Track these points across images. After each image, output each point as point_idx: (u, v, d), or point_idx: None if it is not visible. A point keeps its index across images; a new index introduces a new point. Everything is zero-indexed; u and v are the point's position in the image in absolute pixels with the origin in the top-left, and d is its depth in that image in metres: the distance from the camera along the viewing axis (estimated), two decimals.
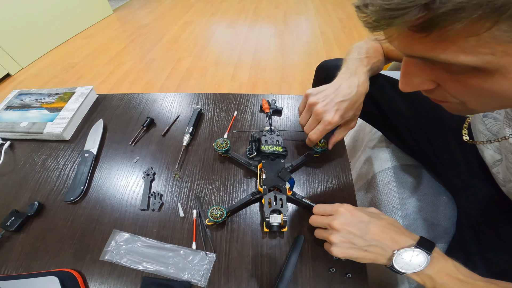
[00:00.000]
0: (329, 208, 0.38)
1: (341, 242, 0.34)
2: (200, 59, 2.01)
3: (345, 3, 2.94)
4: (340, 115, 0.44)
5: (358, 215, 0.35)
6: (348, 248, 0.34)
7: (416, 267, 0.31)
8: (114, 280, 0.40)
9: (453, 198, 0.54)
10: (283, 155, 0.49)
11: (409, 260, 0.31)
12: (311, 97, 0.46)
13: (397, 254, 0.32)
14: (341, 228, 0.34)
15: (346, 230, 0.34)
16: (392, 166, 0.63)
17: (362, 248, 0.33)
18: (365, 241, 0.33)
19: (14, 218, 0.45)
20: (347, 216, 0.35)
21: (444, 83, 0.22)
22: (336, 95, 0.44)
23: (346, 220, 0.35)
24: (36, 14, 2.02)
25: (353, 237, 0.34)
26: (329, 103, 0.44)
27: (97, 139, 0.57)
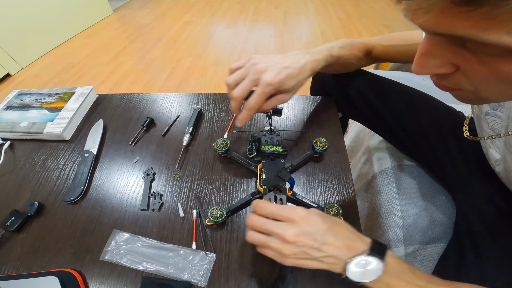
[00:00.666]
0: (279, 212, 0.32)
1: (294, 254, 0.30)
2: (200, 59, 2.01)
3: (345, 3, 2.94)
4: (281, 78, 0.40)
5: (314, 223, 0.31)
6: (301, 259, 0.30)
7: (371, 276, 0.29)
8: (114, 280, 0.40)
9: (452, 198, 0.54)
10: (283, 155, 0.49)
11: (363, 269, 0.29)
12: (254, 59, 0.42)
13: (350, 264, 0.29)
14: (296, 241, 0.29)
15: (302, 243, 0.29)
16: (392, 166, 0.63)
17: (317, 259, 0.30)
18: (321, 252, 0.30)
19: (14, 218, 0.45)
20: (302, 226, 0.30)
21: (466, 66, 0.20)
22: (282, 61, 0.42)
23: (302, 230, 0.30)
24: (36, 14, 2.02)
25: (308, 249, 0.30)
26: (273, 65, 0.41)
27: (97, 139, 0.57)
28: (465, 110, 0.58)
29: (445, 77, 0.23)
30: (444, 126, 0.53)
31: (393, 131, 0.58)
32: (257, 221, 0.32)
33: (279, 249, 0.30)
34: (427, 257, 0.49)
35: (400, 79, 0.59)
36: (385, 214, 0.57)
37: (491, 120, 0.39)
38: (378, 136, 0.72)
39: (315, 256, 0.30)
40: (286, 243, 0.30)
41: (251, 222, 0.33)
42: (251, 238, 0.33)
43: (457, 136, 0.52)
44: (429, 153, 0.54)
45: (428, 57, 0.22)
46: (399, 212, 0.55)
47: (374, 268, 0.29)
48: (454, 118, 0.55)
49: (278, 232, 0.30)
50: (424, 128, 0.54)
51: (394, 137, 0.60)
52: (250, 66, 0.42)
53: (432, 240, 0.50)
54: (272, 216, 0.32)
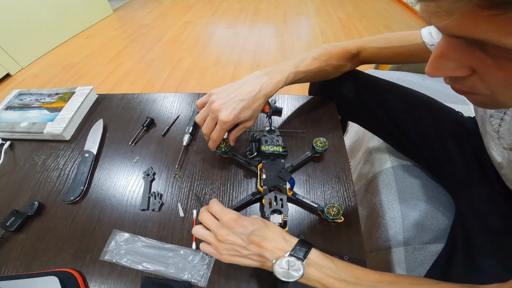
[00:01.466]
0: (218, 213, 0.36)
1: (227, 250, 0.34)
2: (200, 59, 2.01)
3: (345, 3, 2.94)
4: (235, 114, 0.43)
5: (242, 224, 0.35)
6: (234, 255, 0.34)
7: (295, 276, 0.31)
8: (114, 280, 0.40)
9: (452, 198, 0.54)
10: (283, 155, 0.49)
11: (287, 269, 0.31)
12: (213, 95, 0.45)
13: (275, 265, 0.31)
14: (225, 239, 0.34)
15: (230, 241, 0.34)
16: (392, 167, 0.63)
17: (247, 257, 0.34)
18: (248, 251, 0.33)
19: (14, 218, 0.45)
20: (230, 226, 0.34)
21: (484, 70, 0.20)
22: (237, 94, 0.44)
23: (230, 231, 0.34)
24: (36, 14, 2.02)
25: (237, 247, 0.34)
26: (228, 102, 0.44)
27: (97, 139, 0.57)
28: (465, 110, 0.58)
29: (459, 80, 0.22)
30: (443, 127, 0.53)
31: (392, 133, 0.58)
32: (205, 216, 0.37)
33: (215, 246, 0.35)
34: (427, 257, 0.49)
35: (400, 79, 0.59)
36: (385, 214, 0.57)
37: (495, 122, 0.39)
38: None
39: (244, 254, 0.33)
40: (219, 241, 0.34)
41: (200, 217, 0.38)
42: (195, 231, 0.37)
43: (456, 137, 0.52)
44: (428, 154, 0.54)
45: (444, 60, 0.21)
46: (399, 212, 0.55)
47: (296, 269, 0.31)
48: (454, 118, 0.55)
49: (213, 230, 0.35)
50: (424, 129, 0.54)
51: (394, 138, 0.60)
52: (209, 104, 0.45)
53: (432, 240, 0.50)
54: (214, 215, 0.37)
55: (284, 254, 0.32)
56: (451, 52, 0.21)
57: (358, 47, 0.53)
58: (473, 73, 0.21)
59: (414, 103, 0.56)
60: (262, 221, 0.36)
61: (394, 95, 0.57)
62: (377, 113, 0.57)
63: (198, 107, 0.49)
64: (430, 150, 0.54)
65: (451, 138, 0.52)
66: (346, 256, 0.40)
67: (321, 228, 0.44)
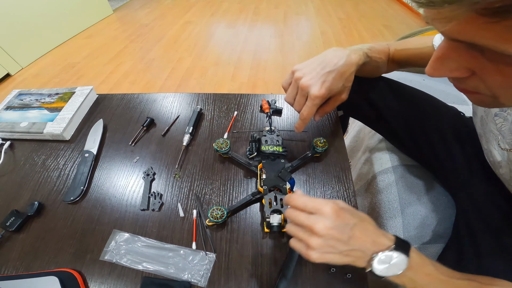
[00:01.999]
0: (311, 204, 0.32)
1: (322, 247, 0.30)
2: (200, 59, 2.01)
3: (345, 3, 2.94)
4: (327, 87, 0.41)
5: (343, 217, 0.30)
6: (328, 253, 0.30)
7: (396, 271, 0.29)
8: (114, 280, 0.40)
9: (452, 198, 0.54)
10: (283, 155, 0.49)
11: (388, 264, 0.29)
12: (297, 72, 0.43)
13: (376, 258, 0.29)
14: (325, 234, 0.29)
15: (330, 235, 0.29)
16: (392, 167, 0.63)
17: (343, 253, 0.30)
18: (348, 246, 0.30)
19: (14, 218, 0.45)
20: (333, 219, 0.30)
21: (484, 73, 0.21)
22: (323, 67, 0.41)
23: (332, 224, 0.29)
24: (36, 14, 2.02)
25: (335, 243, 0.30)
26: (315, 76, 0.41)
27: (97, 139, 0.57)
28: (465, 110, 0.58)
29: (462, 80, 0.23)
30: (446, 126, 0.53)
31: (394, 130, 0.58)
32: (292, 212, 0.33)
33: (307, 241, 0.30)
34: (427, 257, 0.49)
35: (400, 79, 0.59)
36: (385, 214, 0.57)
37: (499, 121, 0.39)
38: (378, 136, 0.72)
39: (341, 250, 0.30)
40: (315, 235, 0.30)
41: (287, 214, 0.34)
42: (286, 228, 0.34)
43: (458, 136, 0.52)
44: (430, 153, 0.54)
45: (444, 61, 0.22)
46: (399, 212, 0.55)
47: (398, 263, 0.29)
48: (456, 118, 0.55)
49: (308, 224, 0.30)
50: (426, 127, 0.54)
51: (395, 136, 0.60)
52: (295, 81, 0.43)
53: (432, 240, 0.50)
54: (303, 208, 0.32)
55: (385, 248, 0.30)
56: (451, 54, 0.21)
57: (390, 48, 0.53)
58: (472, 74, 0.22)
59: (417, 101, 0.56)
60: (358, 212, 0.33)
61: (397, 92, 0.57)
62: (379, 109, 0.57)
63: (284, 87, 0.46)
64: (432, 148, 0.54)
65: (453, 137, 0.52)
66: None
67: None
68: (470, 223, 0.45)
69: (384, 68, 0.54)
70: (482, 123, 0.44)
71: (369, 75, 0.56)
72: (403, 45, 0.53)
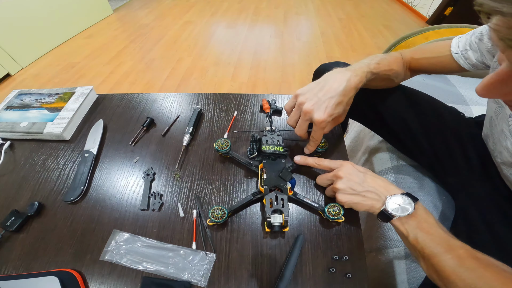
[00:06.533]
0: (333, 163, 0.45)
1: (345, 188, 0.40)
2: (200, 59, 2.01)
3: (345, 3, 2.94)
4: (329, 112, 0.43)
5: (357, 167, 0.42)
6: (350, 194, 0.40)
7: (405, 211, 0.35)
8: (114, 280, 0.40)
9: (452, 198, 0.54)
10: (284, 155, 0.49)
11: (399, 205, 0.36)
12: (300, 97, 0.45)
13: (389, 199, 0.37)
14: (344, 175, 0.41)
15: (348, 177, 0.41)
16: (392, 167, 0.63)
17: (361, 194, 0.39)
18: (363, 187, 0.39)
19: (14, 218, 0.45)
20: (349, 167, 0.42)
21: None
22: (325, 92, 0.44)
23: (348, 170, 0.42)
24: (36, 14, 2.02)
25: (353, 184, 0.40)
26: (318, 101, 0.43)
27: (97, 139, 0.57)
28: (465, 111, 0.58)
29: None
30: (446, 126, 0.53)
31: (393, 131, 0.58)
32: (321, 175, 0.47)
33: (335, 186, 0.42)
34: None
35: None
36: None
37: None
38: (378, 136, 0.72)
39: (359, 191, 0.39)
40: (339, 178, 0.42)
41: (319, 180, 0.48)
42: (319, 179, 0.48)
43: (458, 136, 0.52)
44: (430, 153, 0.54)
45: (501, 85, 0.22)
46: None
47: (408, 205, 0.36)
48: (456, 118, 0.55)
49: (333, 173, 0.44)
50: (427, 128, 0.54)
51: (395, 137, 0.60)
52: (298, 106, 0.46)
53: None
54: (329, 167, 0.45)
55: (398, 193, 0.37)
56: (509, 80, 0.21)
57: (407, 57, 0.54)
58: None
59: (418, 102, 0.56)
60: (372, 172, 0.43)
61: (397, 93, 0.57)
62: (379, 111, 0.57)
63: (287, 111, 0.50)
64: (432, 149, 0.54)
65: (454, 138, 0.52)
66: (346, 256, 0.40)
67: (321, 228, 0.44)
68: (470, 223, 0.45)
69: (400, 78, 0.54)
70: (491, 124, 0.44)
71: (384, 87, 0.56)
72: (420, 54, 0.53)
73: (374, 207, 0.38)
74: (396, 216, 0.36)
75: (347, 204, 0.41)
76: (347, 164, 0.43)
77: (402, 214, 0.35)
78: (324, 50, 2.04)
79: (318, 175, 0.49)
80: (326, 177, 0.45)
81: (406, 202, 0.36)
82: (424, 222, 0.35)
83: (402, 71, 0.53)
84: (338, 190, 0.41)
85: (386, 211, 0.36)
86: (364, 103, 0.58)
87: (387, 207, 0.36)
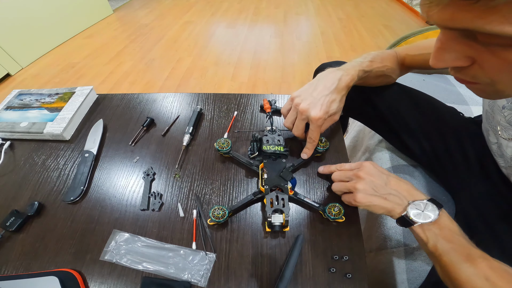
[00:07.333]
0: (354, 165, 0.43)
1: (365, 189, 0.38)
2: (200, 59, 2.01)
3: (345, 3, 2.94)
4: (325, 110, 0.44)
5: (380, 169, 0.40)
6: (371, 194, 0.38)
7: (426, 218, 0.34)
8: (114, 280, 0.40)
9: (452, 198, 0.54)
10: (284, 155, 0.49)
11: (421, 211, 0.34)
12: (296, 98, 0.47)
13: (411, 204, 0.35)
14: (366, 177, 0.39)
15: (370, 179, 0.38)
16: (392, 167, 0.63)
17: (382, 196, 0.37)
18: (386, 190, 0.37)
19: (14, 218, 0.45)
20: (371, 168, 0.40)
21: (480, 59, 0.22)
22: (319, 92, 0.45)
23: (370, 171, 0.40)
24: (36, 14, 2.02)
25: (376, 185, 0.38)
26: (313, 100, 0.45)
27: (97, 139, 0.57)
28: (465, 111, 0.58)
29: (462, 71, 0.24)
30: (445, 126, 0.53)
31: (394, 130, 0.58)
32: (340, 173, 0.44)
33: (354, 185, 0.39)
34: (427, 257, 0.49)
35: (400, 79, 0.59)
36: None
37: (508, 113, 0.39)
38: (378, 136, 0.72)
39: (381, 193, 0.37)
40: (359, 179, 0.39)
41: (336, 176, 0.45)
42: (335, 187, 0.44)
43: (457, 136, 0.52)
44: (430, 152, 0.54)
45: (445, 51, 0.23)
46: None
47: (430, 212, 0.34)
48: (456, 118, 0.55)
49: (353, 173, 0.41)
50: (426, 127, 0.54)
51: (396, 136, 0.60)
52: (294, 107, 0.47)
53: None
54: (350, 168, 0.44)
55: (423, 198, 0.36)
56: (449, 43, 0.22)
57: (401, 53, 0.54)
58: (473, 62, 0.22)
59: (417, 102, 0.56)
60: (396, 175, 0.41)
61: (397, 92, 0.57)
62: (379, 110, 0.57)
63: (284, 113, 0.51)
64: (432, 149, 0.54)
65: (453, 137, 0.52)
66: (346, 256, 0.40)
67: (321, 228, 0.44)
68: (470, 223, 0.45)
69: (395, 74, 0.54)
70: (487, 118, 0.44)
71: (381, 84, 0.56)
72: (415, 50, 0.53)
73: (394, 211, 0.36)
74: (418, 222, 0.34)
75: (364, 205, 0.38)
76: (368, 164, 0.41)
77: (424, 221, 0.34)
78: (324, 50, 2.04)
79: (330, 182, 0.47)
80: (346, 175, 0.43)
81: (429, 209, 0.34)
82: (447, 230, 0.34)
83: (397, 67, 0.53)
84: (357, 190, 0.39)
85: (407, 216, 0.35)
86: (365, 101, 0.59)
87: (409, 213, 0.35)
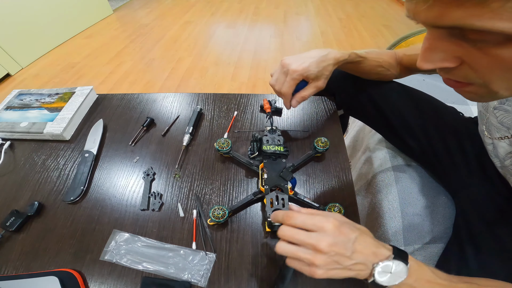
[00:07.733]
0: (310, 221, 0.31)
1: (327, 264, 0.29)
2: (200, 59, 2.01)
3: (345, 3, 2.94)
4: (304, 66, 0.46)
5: (345, 232, 0.30)
6: (332, 269, 0.30)
7: (397, 279, 0.30)
8: (114, 280, 0.40)
9: (452, 198, 0.54)
10: (284, 155, 0.49)
11: (390, 273, 0.30)
12: (284, 59, 0.49)
13: (377, 267, 0.30)
14: (329, 250, 0.29)
15: (334, 252, 0.29)
16: (392, 166, 0.63)
17: (347, 267, 0.30)
18: (351, 260, 0.30)
19: (14, 218, 0.45)
20: (335, 235, 0.30)
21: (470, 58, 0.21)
22: (306, 54, 0.48)
23: (334, 240, 0.29)
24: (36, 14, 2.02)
25: (339, 258, 0.29)
26: (297, 58, 0.47)
27: (97, 139, 0.57)
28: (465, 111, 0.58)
29: (452, 71, 0.23)
30: (445, 126, 0.53)
31: (394, 130, 0.58)
32: (288, 231, 0.32)
33: (311, 260, 0.29)
34: (427, 257, 0.49)
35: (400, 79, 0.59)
36: (385, 214, 0.57)
37: (500, 114, 0.39)
38: (378, 135, 0.72)
39: (346, 265, 0.30)
40: (319, 253, 0.29)
41: (282, 233, 0.32)
42: (280, 248, 0.32)
43: (457, 136, 0.52)
44: (430, 152, 0.54)
45: (432, 52, 0.22)
46: (399, 212, 0.55)
47: (399, 271, 0.30)
48: (456, 118, 0.55)
49: (311, 242, 0.30)
50: (427, 127, 0.54)
51: (396, 136, 0.60)
52: (281, 65, 0.49)
53: (432, 240, 0.50)
54: (303, 226, 0.31)
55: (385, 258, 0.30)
56: (437, 43, 0.22)
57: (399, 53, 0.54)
58: (462, 63, 0.22)
59: (418, 101, 0.56)
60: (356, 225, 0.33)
61: (398, 92, 0.57)
62: (380, 109, 0.57)
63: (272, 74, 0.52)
64: (432, 148, 0.54)
65: (453, 137, 0.52)
66: None
67: None
68: (470, 223, 0.45)
69: (393, 69, 0.55)
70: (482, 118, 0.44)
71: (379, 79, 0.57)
72: (413, 50, 0.53)
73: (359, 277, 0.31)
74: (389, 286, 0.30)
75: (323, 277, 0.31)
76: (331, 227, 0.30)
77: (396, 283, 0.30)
78: None
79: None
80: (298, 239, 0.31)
81: (398, 269, 0.30)
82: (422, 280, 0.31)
83: (395, 63, 0.54)
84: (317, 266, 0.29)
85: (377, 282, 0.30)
86: (366, 99, 0.59)
87: (377, 278, 0.30)
